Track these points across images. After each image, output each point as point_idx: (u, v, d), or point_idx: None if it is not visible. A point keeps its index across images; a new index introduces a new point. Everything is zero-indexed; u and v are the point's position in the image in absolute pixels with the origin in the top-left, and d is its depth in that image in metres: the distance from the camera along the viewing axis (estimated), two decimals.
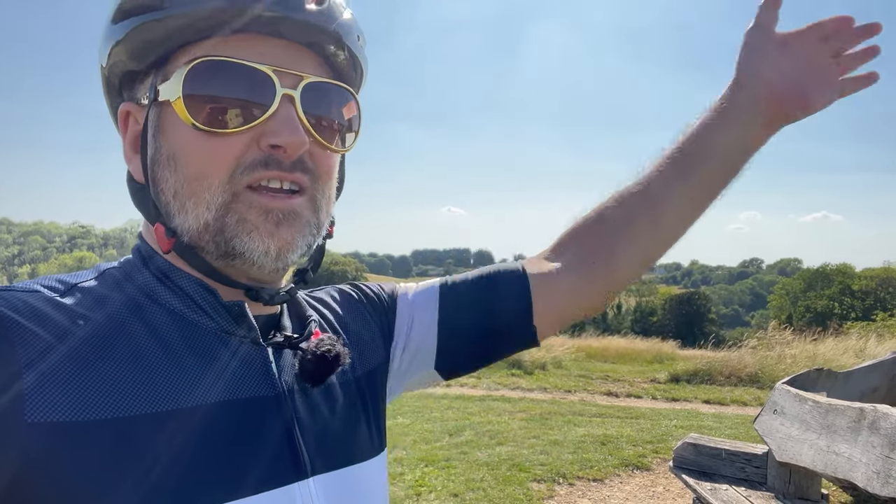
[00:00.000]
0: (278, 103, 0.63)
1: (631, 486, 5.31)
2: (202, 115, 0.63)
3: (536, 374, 11.49)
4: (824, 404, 3.26)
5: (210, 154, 0.63)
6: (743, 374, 11.53)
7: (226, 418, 0.63)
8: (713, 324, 61.62)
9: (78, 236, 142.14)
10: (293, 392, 0.70)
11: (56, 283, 0.64)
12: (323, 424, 0.72)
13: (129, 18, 0.64)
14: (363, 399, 0.81)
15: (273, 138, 0.63)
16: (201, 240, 0.66)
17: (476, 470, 5.45)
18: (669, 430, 7.24)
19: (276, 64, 0.65)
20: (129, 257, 0.72)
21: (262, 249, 0.64)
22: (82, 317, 0.61)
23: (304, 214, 0.67)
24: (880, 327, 16.48)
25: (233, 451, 0.61)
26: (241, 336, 0.68)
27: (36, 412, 0.53)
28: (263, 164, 0.64)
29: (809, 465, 3.20)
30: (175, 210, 0.66)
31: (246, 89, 0.63)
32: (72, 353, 0.57)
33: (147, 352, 0.62)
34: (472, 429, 6.94)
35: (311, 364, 0.70)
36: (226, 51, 0.64)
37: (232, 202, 0.64)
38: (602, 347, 16.04)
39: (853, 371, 4.54)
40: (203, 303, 0.67)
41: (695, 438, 4.12)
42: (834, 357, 11.76)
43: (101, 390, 0.56)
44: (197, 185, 0.64)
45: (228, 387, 0.65)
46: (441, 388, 9.61)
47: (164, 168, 0.66)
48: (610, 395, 10.14)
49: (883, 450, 2.70)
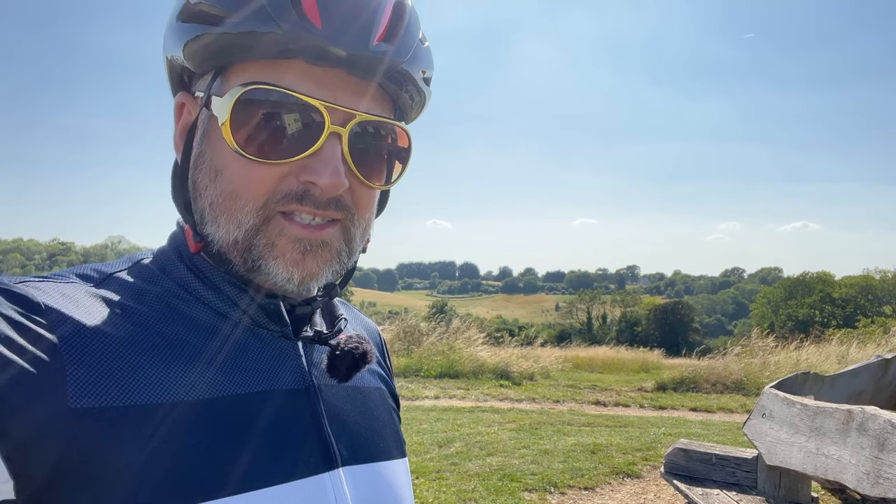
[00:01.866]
0: (324, 140, 0.63)
1: (622, 494, 5.32)
2: (246, 141, 0.63)
3: (525, 385, 11.48)
4: (812, 407, 3.29)
5: (248, 178, 0.64)
6: (728, 381, 11.64)
7: (259, 408, 0.64)
8: (697, 333, 62.17)
9: (58, 253, 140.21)
10: (322, 386, 0.71)
11: (92, 272, 0.65)
12: (351, 420, 0.73)
13: (192, 24, 0.64)
14: (386, 405, 0.83)
15: (312, 176, 0.63)
16: (230, 253, 0.67)
17: (467, 481, 5.42)
18: (658, 437, 7.27)
19: (332, 98, 0.63)
20: (164, 247, 0.73)
21: (286, 276, 0.65)
22: (119, 305, 0.62)
23: (334, 244, 0.67)
24: (861, 333, 16.71)
25: (265, 440, 0.62)
26: (273, 330, 0.70)
27: (78, 398, 0.53)
28: (298, 198, 0.64)
29: (799, 467, 3.23)
30: (209, 219, 0.67)
31: (294, 122, 0.63)
32: (110, 340, 0.58)
33: (183, 341, 0.63)
34: (462, 440, 6.91)
35: (339, 359, 0.71)
36: (282, 78, 0.63)
37: (263, 225, 0.64)
38: (589, 357, 16.11)
39: (839, 374, 4.60)
40: (237, 299, 0.68)
41: (685, 444, 4.14)
42: (816, 363, 11.91)
43: (140, 377, 0.57)
44: (231, 203, 0.65)
45: (262, 378, 0.66)
46: (430, 401, 9.58)
47: (205, 176, 0.67)
48: (598, 404, 10.16)
49: (872, 450, 2.74)
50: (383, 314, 37.07)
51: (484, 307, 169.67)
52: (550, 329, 64.59)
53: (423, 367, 11.94)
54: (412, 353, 12.76)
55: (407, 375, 11.59)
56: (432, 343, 13.02)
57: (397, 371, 11.66)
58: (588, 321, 79.06)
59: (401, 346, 13.09)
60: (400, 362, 12.06)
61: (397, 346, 13.02)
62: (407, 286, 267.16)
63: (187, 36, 0.64)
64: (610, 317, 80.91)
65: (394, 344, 13.12)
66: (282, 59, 0.63)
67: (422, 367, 11.95)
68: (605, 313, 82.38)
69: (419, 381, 11.22)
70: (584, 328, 72.72)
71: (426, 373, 11.77)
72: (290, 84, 0.62)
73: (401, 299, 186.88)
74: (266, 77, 0.63)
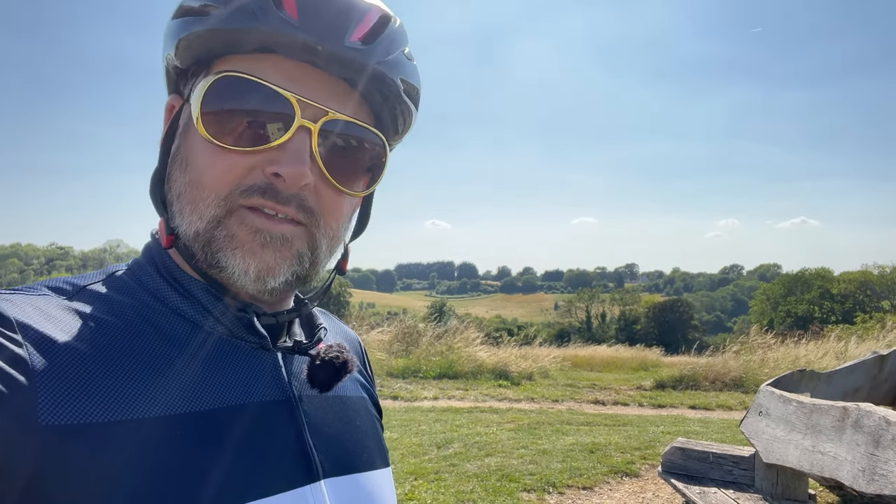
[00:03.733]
0: (293, 133, 0.62)
1: (620, 493, 5.31)
2: (216, 129, 0.63)
3: (523, 385, 11.48)
4: (808, 405, 3.29)
5: (214, 167, 0.63)
6: (727, 378, 11.65)
7: (239, 422, 0.62)
8: (696, 330, 62.18)
9: (56, 258, 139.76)
10: (303, 397, 0.70)
11: (64, 285, 0.64)
12: (332, 430, 0.72)
13: (180, 19, 0.65)
14: (369, 414, 0.82)
15: (276, 167, 0.62)
16: (193, 246, 0.66)
17: (466, 482, 5.41)
18: (657, 436, 7.27)
19: (304, 93, 0.63)
20: (138, 258, 0.72)
21: (242, 268, 0.63)
22: (93, 319, 0.60)
23: (295, 243, 0.66)
24: (859, 329, 16.73)
25: (245, 454, 0.61)
26: (251, 341, 0.69)
27: (49, 415, 0.52)
28: (261, 191, 0.63)
29: (796, 465, 3.23)
30: (176, 211, 0.67)
31: (265, 112, 0.62)
32: (83, 355, 0.56)
33: (159, 355, 0.61)
34: (461, 441, 6.90)
35: (319, 369, 0.71)
36: (257, 69, 0.63)
37: (225, 217, 0.64)
38: (588, 356, 16.13)
39: (835, 371, 4.59)
40: (214, 309, 0.67)
41: (682, 443, 4.14)
42: (815, 359, 11.93)
43: (114, 392, 0.56)
44: (196, 192, 0.64)
45: (240, 390, 0.65)
46: (428, 401, 9.57)
47: (178, 168, 0.67)
48: (597, 403, 10.16)
49: (867, 447, 2.74)
50: (382, 315, 37.03)
51: (483, 307, 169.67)
52: (549, 328, 64.70)
53: (422, 368, 11.93)
54: (411, 353, 12.74)
55: (405, 376, 11.57)
56: (431, 344, 13.01)
57: (396, 372, 11.64)
58: (587, 320, 79.10)
59: (399, 346, 13.07)
60: (398, 363, 12.04)
61: (396, 347, 13.00)
62: (406, 287, 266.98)
63: (179, 33, 0.65)
64: (609, 315, 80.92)
65: (392, 345, 13.10)
66: (260, 54, 0.64)
67: (420, 368, 11.94)
68: (604, 312, 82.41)
69: (418, 382, 11.21)
70: (582, 327, 72.74)
71: (425, 374, 11.76)
72: (263, 75, 0.63)
73: (399, 300, 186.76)
74: (242, 69, 0.64)
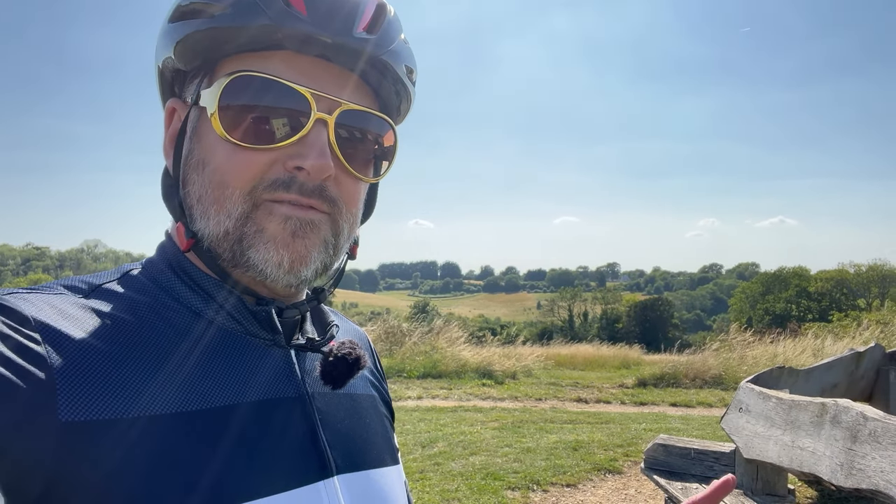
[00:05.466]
0: (311, 127, 0.64)
1: (604, 490, 5.36)
2: (234, 128, 0.64)
3: (507, 384, 11.53)
4: (787, 401, 3.34)
5: (235, 165, 0.64)
6: (707, 376, 11.80)
7: (253, 418, 0.63)
8: (676, 328, 62.88)
9: (32, 258, 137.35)
10: (315, 394, 0.71)
11: (80, 284, 0.64)
12: (344, 427, 0.73)
13: (181, 22, 0.65)
14: (378, 412, 0.83)
15: (298, 160, 0.63)
16: (219, 247, 0.66)
17: (450, 481, 5.43)
18: (639, 433, 7.35)
19: (317, 86, 0.65)
20: (153, 257, 0.73)
21: (276, 261, 0.64)
22: (109, 317, 0.61)
23: (322, 230, 0.67)
24: (836, 327, 17.02)
25: (260, 450, 0.62)
26: (264, 338, 0.69)
27: (69, 411, 0.52)
28: (285, 185, 0.64)
29: (775, 460, 3.28)
30: (198, 214, 0.67)
31: (281, 109, 0.64)
32: (101, 352, 0.57)
33: (174, 352, 0.62)
34: (445, 440, 6.92)
35: (332, 366, 0.71)
36: (269, 67, 0.64)
37: (252, 212, 0.64)
38: (570, 355, 16.21)
39: (813, 368, 4.67)
40: (229, 307, 0.68)
41: (664, 439, 4.18)
42: (793, 357, 12.11)
43: (132, 389, 0.57)
44: (220, 192, 0.65)
45: (254, 388, 0.65)
46: (412, 401, 9.57)
47: (194, 171, 0.67)
48: (580, 401, 10.24)
49: (845, 442, 2.79)
50: (365, 315, 36.95)
51: (466, 306, 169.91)
52: (532, 327, 64.90)
53: (406, 368, 11.93)
54: (394, 353, 12.74)
55: (389, 376, 11.56)
56: (414, 343, 13.01)
57: None
58: (569, 319, 79.58)
59: (383, 346, 13.05)
60: (382, 363, 12.01)
61: (379, 347, 12.98)
62: (389, 286, 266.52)
63: (179, 34, 0.65)
64: (591, 314, 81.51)
65: (376, 345, 13.04)
66: (268, 51, 0.65)
67: (404, 368, 11.93)
68: (587, 311, 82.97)
69: (402, 382, 11.21)
70: (565, 326, 73.09)
71: (409, 373, 11.76)
72: (275, 72, 0.64)
73: (383, 300, 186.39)
74: (253, 67, 0.64)
